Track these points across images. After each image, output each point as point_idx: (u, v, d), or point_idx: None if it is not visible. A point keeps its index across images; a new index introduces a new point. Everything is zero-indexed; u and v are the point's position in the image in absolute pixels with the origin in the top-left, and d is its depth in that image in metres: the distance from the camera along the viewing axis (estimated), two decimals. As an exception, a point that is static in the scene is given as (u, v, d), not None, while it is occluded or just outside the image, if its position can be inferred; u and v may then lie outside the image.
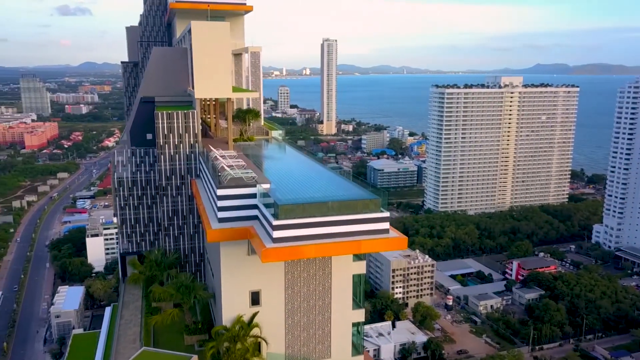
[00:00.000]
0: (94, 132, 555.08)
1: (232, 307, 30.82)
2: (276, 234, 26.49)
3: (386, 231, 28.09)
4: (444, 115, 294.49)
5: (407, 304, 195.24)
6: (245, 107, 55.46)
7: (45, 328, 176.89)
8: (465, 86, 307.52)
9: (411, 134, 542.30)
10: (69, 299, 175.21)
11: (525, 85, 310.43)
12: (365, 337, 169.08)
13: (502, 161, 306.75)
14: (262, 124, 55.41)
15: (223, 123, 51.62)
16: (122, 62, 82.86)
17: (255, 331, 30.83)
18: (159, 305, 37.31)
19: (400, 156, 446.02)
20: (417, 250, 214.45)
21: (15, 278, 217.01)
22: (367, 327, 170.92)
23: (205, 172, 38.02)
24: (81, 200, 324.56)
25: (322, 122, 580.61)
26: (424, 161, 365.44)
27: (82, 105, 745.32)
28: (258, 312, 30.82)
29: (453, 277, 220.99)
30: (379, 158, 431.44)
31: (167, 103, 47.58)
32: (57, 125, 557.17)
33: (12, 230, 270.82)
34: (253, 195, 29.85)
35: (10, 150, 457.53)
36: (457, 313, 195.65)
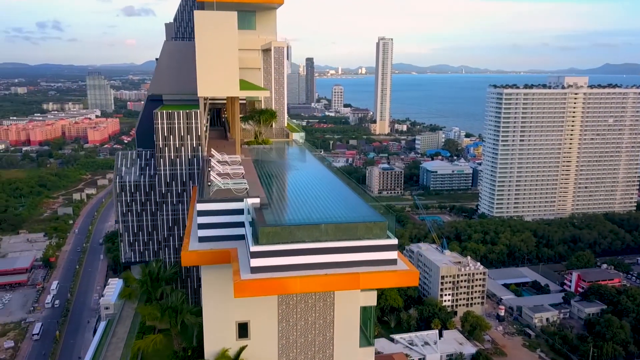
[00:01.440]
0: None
1: (215, 339, 26.49)
2: (255, 262, 21.90)
3: (393, 262, 23.02)
4: (501, 117, 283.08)
5: (455, 313, 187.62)
6: (273, 107, 51.32)
7: (96, 319, 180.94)
8: (525, 86, 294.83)
9: (468, 135, 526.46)
10: (118, 291, 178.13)
11: (591, 86, 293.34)
12: (410, 346, 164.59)
13: (564, 165, 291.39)
14: (286, 125, 51.14)
15: (243, 124, 47.94)
16: (156, 59, 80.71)
17: (242, 368, 26.67)
18: (153, 324, 34.00)
19: (455, 158, 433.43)
20: (469, 257, 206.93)
21: (71, 268, 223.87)
22: (412, 334, 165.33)
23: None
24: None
25: (375, 122, 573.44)
26: (479, 163, 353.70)
27: (143, 102, 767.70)
28: (246, 346, 26.46)
29: (506, 286, 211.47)
30: (433, 159, 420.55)
31: (176, 102, 44.18)
32: (119, 121, 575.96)
33: (71, 221, 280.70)
34: (241, 211, 25.57)
35: (75, 145, 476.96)
36: (509, 325, 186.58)
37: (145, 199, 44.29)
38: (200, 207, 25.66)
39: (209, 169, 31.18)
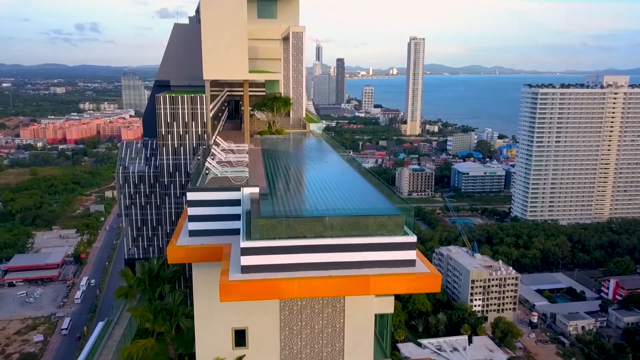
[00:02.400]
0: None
1: (208, 347, 23.21)
2: (246, 260, 18.60)
3: (410, 263, 19.46)
4: (536, 117, 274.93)
5: (486, 318, 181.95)
6: (291, 96, 48.29)
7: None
8: (562, 86, 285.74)
9: (501, 137, 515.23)
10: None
11: (632, 85, 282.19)
12: (438, 351, 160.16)
13: (602, 168, 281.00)
14: (304, 115, 48.00)
15: (258, 114, 45.07)
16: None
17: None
18: (150, 327, 31.23)
19: (488, 159, 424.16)
20: (501, 261, 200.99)
21: (101, 265, 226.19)
22: (441, 340, 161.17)
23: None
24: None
25: (405, 122, 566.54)
26: (513, 165, 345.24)
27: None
28: (244, 355, 23.25)
29: (540, 292, 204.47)
30: (464, 161, 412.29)
31: (184, 88, 41.41)
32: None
33: (102, 218, 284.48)
34: (238, 202, 22.47)
35: (109, 144, 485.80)
36: (542, 332, 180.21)
37: (150, 191, 41.58)
38: (191, 196, 22.62)
39: (211, 156, 28.40)
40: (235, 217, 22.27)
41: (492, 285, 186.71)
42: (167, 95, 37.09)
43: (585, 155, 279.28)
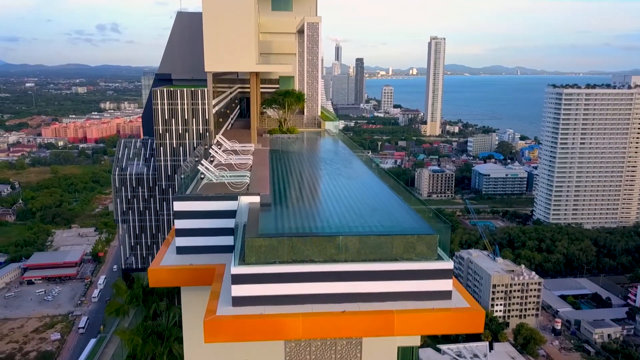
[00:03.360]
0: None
1: (200, 384, 19.83)
2: (238, 290, 14.54)
3: (446, 296, 15.50)
4: (560, 118, 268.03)
5: (507, 324, 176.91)
6: (305, 92, 44.53)
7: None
8: (587, 86, 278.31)
9: (522, 138, 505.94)
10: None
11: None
12: (457, 357, 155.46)
13: (629, 170, 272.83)
14: (319, 113, 44.16)
15: (269, 111, 41.40)
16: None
17: None
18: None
19: (509, 161, 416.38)
20: (523, 265, 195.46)
21: (118, 263, 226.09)
22: (461, 345, 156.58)
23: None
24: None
25: (425, 123, 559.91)
26: (535, 167, 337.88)
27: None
28: (243, 395, 19.69)
29: (563, 297, 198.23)
30: (485, 162, 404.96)
31: (188, 82, 37.50)
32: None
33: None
34: (233, 214, 18.81)
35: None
36: (566, 339, 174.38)
37: (149, 195, 37.95)
38: (179, 206, 18.85)
39: (209, 158, 24.87)
40: (232, 232, 18.74)
41: (514, 290, 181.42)
42: (165, 89, 33.34)
43: (611, 157, 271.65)
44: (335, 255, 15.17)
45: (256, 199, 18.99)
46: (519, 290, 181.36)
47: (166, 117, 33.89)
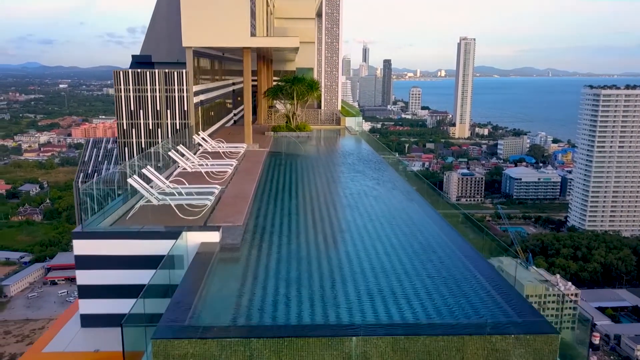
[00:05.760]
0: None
1: None
2: None
3: None
4: (598, 120, 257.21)
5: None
6: (323, 82, 37.91)
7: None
8: (627, 87, 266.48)
9: (555, 141, 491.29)
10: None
11: None
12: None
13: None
14: (339, 107, 37.48)
15: (279, 105, 35.13)
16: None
17: None
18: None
19: (541, 165, 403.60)
20: (558, 275, 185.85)
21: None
22: None
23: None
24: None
25: (454, 125, 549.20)
26: (569, 171, 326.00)
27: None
28: None
29: (601, 309, 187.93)
30: (516, 165, 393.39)
31: (171, 65, 29.52)
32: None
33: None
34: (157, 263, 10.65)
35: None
36: (605, 354, 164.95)
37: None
38: (80, 246, 12.02)
39: (176, 163, 18.51)
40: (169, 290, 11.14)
41: (549, 302, 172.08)
42: (129, 71, 26.87)
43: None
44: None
45: (214, 237, 11.94)
46: (554, 302, 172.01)
47: (132, 109, 26.83)
